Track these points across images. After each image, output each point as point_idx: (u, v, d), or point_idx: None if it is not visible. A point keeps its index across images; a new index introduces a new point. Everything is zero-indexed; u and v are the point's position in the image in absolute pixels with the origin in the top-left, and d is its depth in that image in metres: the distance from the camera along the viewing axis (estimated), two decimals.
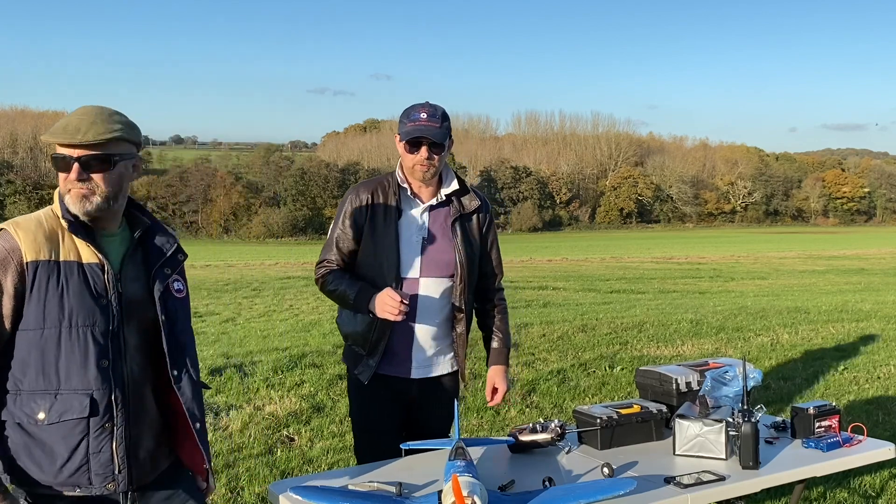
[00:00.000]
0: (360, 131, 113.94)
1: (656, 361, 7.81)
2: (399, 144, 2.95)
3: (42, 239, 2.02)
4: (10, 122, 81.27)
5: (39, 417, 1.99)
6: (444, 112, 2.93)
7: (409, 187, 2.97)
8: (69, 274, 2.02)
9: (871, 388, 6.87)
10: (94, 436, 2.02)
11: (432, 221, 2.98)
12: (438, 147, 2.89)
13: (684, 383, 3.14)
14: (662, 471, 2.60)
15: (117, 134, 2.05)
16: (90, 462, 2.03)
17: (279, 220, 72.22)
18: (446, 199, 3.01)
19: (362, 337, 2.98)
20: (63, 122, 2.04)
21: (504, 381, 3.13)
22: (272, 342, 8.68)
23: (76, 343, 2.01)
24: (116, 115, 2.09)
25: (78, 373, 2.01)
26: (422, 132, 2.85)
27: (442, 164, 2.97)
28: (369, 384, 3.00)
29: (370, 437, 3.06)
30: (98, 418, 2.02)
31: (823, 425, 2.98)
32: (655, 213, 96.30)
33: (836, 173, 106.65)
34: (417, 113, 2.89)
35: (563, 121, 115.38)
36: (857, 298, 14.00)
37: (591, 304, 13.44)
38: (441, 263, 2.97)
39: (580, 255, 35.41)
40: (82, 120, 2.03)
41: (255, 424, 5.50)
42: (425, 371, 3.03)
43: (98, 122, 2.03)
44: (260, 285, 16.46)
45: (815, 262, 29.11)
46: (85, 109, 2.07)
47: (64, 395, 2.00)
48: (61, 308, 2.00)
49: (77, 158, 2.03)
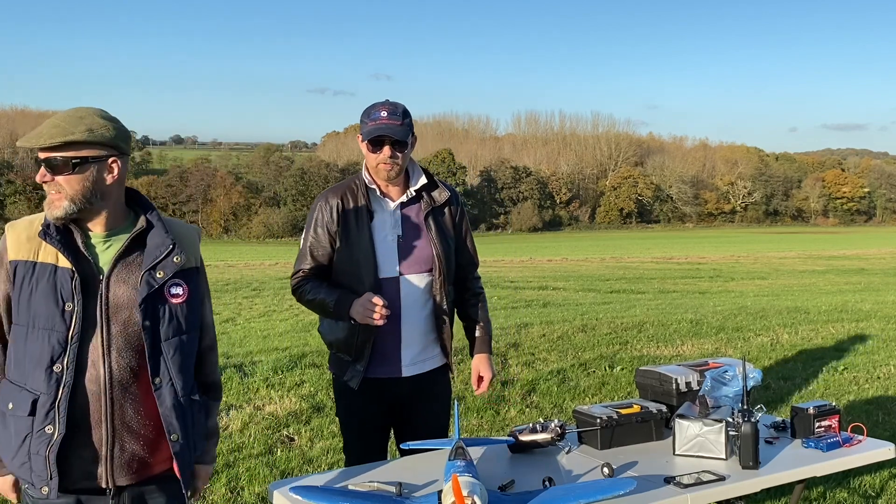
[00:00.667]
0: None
1: (656, 361, 7.81)
2: (362, 144, 2.94)
3: (24, 239, 2.08)
4: (10, 122, 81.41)
5: (9, 407, 2.08)
6: (405, 109, 2.92)
7: (377, 188, 2.96)
8: (41, 276, 2.05)
9: (870, 388, 6.87)
10: (36, 436, 2.05)
11: (405, 218, 2.97)
12: (401, 145, 2.88)
13: (684, 383, 3.14)
14: (662, 471, 2.60)
15: (75, 137, 2.01)
16: (31, 461, 2.06)
17: (279, 220, 72.28)
18: (416, 194, 2.99)
19: (346, 343, 2.95)
20: (35, 128, 2.09)
21: (489, 368, 3.13)
22: (272, 342, 8.68)
23: (35, 344, 2.05)
24: (88, 119, 2.06)
25: (33, 373, 2.05)
26: (382, 131, 2.84)
27: (406, 162, 2.95)
28: (360, 393, 2.97)
29: (360, 438, 3.03)
30: (37, 420, 2.03)
31: (823, 425, 2.97)
32: (655, 213, 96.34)
33: (836, 173, 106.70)
34: (378, 112, 2.88)
35: (563, 121, 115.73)
36: (856, 298, 14.00)
37: (591, 304, 13.44)
38: (419, 259, 2.96)
39: (580, 255, 35.41)
40: (50, 123, 2.06)
41: (255, 424, 5.50)
42: (416, 368, 3.01)
43: (62, 125, 2.03)
44: (260, 285, 16.45)
45: (815, 262, 29.11)
46: (61, 113, 2.09)
47: (24, 391, 2.06)
48: (29, 309, 2.05)
49: (41, 161, 2.07)
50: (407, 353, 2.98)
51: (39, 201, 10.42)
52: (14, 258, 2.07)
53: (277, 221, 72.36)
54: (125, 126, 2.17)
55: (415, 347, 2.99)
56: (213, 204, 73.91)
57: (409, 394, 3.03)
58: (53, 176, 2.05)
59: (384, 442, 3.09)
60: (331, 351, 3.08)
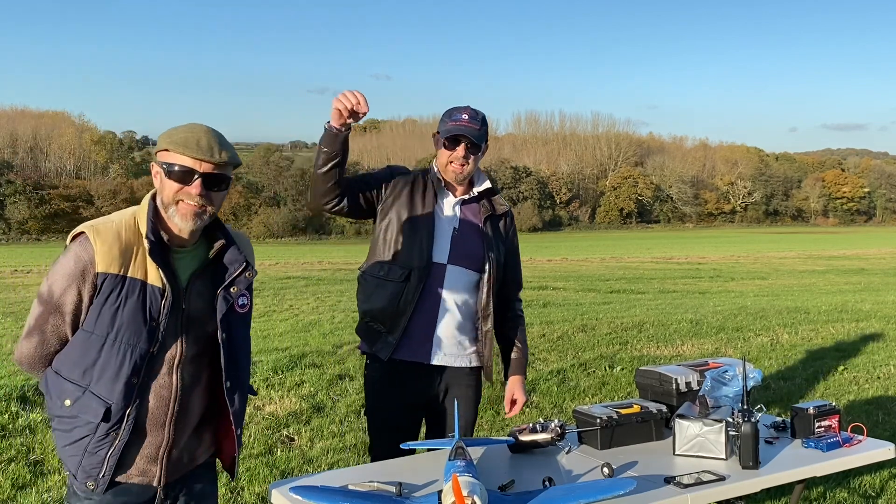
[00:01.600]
0: (360, 131, 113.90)
1: (656, 361, 7.81)
2: (437, 142, 3.03)
3: (117, 252, 2.08)
4: (10, 122, 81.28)
5: (66, 403, 2.11)
6: (485, 117, 3.03)
7: (443, 180, 3.04)
8: (131, 292, 2.09)
9: (870, 388, 6.87)
10: (97, 438, 2.11)
11: (463, 214, 3.05)
12: (475, 147, 2.98)
13: (684, 383, 3.14)
14: (662, 471, 2.60)
15: (236, 159, 2.16)
16: (83, 457, 2.12)
17: (279, 220, 72.20)
18: (478, 195, 3.08)
19: (382, 311, 2.97)
20: (186, 136, 2.10)
21: (523, 392, 3.18)
22: (272, 342, 8.68)
23: (114, 357, 2.08)
24: (226, 140, 2.18)
25: (107, 382, 2.09)
26: (461, 131, 2.94)
27: (475, 167, 3.04)
28: (389, 371, 2.98)
29: (388, 435, 3.00)
30: (107, 426, 2.10)
31: (823, 425, 2.97)
32: (655, 214, 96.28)
33: (836, 173, 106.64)
34: (459, 114, 2.99)
35: (563, 121, 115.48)
36: (857, 298, 14.00)
37: (591, 304, 13.44)
38: (469, 255, 3.00)
39: (580, 255, 35.39)
40: (209, 138, 2.11)
41: (255, 424, 5.50)
42: (445, 359, 3.01)
43: (224, 144, 2.14)
44: (260, 285, 16.44)
45: (815, 262, 29.10)
46: (203, 128, 2.14)
47: (89, 394, 2.10)
48: (112, 322, 2.08)
49: (202, 174, 2.10)
50: (437, 341, 2.99)
51: (40, 201, 10.45)
52: (104, 270, 2.07)
53: (277, 221, 72.27)
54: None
55: (447, 338, 3.00)
56: None
57: (437, 386, 3.03)
58: (208, 191, 2.12)
59: (412, 434, 3.06)
60: (364, 321, 3.07)
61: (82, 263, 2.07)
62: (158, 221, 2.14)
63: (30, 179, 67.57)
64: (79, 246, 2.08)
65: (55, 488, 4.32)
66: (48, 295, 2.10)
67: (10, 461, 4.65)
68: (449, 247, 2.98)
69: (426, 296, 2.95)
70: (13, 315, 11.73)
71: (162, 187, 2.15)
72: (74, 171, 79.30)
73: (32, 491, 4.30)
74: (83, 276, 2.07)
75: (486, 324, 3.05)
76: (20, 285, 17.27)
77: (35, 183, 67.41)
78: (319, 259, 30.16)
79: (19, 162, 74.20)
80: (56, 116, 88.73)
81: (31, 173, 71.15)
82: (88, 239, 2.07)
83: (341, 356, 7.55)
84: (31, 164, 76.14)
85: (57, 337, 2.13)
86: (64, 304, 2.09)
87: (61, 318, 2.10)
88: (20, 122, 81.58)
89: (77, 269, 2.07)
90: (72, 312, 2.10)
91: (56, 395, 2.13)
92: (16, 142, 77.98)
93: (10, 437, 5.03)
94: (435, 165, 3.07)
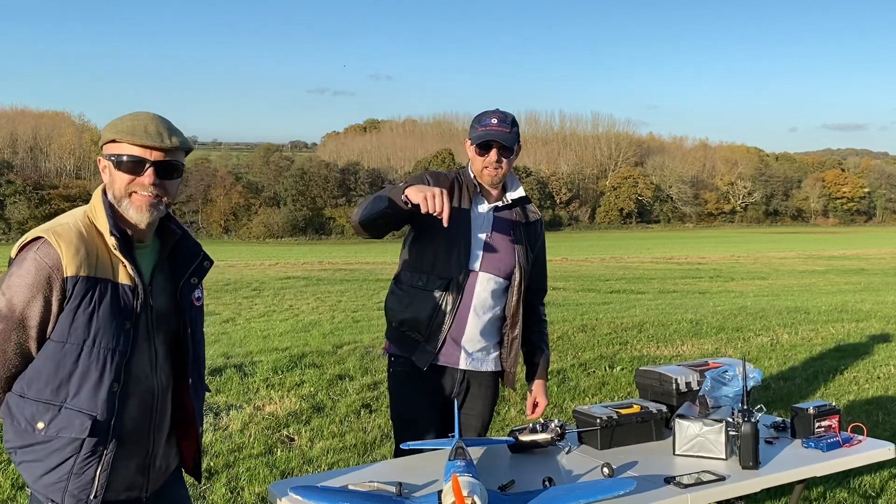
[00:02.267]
0: (360, 131, 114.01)
1: (656, 361, 7.81)
2: (469, 148, 3.03)
3: (84, 253, 1.95)
4: (10, 122, 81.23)
5: (38, 426, 1.95)
6: (514, 119, 3.03)
7: (478, 185, 3.05)
8: (102, 293, 1.96)
9: (871, 388, 6.87)
10: (83, 457, 1.97)
11: (496, 221, 3.05)
12: (507, 151, 2.98)
13: (684, 383, 3.14)
14: (662, 471, 2.60)
15: (187, 144, 2.05)
16: (69, 481, 1.98)
17: (279, 221, 72.17)
18: (511, 202, 3.09)
19: (422, 322, 2.98)
20: (133, 124, 1.99)
21: (545, 395, 3.25)
22: (272, 342, 8.68)
23: (94, 364, 1.96)
24: (174, 125, 2.08)
25: (88, 393, 1.96)
26: (492, 136, 2.95)
27: (509, 169, 3.04)
28: (419, 381, 3.01)
29: (414, 431, 3.00)
30: (93, 441, 1.97)
31: (823, 425, 2.97)
32: (655, 214, 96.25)
33: (836, 173, 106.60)
34: (489, 119, 2.99)
35: (563, 121, 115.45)
36: (856, 298, 14.00)
37: (591, 304, 13.44)
38: (499, 263, 3.03)
39: (580, 255, 35.38)
40: (157, 124, 2.00)
41: (255, 424, 5.50)
42: (473, 364, 3.05)
43: (173, 130, 2.03)
44: (260, 285, 16.45)
45: (815, 262, 29.10)
46: (149, 114, 2.03)
47: (68, 410, 1.96)
48: (88, 327, 1.95)
49: (154, 162, 1.99)
50: (467, 345, 3.03)
51: (40, 201, 10.44)
52: (73, 274, 1.92)
53: (277, 221, 72.23)
54: None
55: (474, 343, 3.03)
56: (213, 204, 73.79)
57: (460, 387, 3.07)
58: (162, 180, 2.01)
59: (439, 433, 3.07)
60: (400, 329, 3.06)
61: (46, 270, 1.91)
62: (116, 217, 2.02)
63: (30, 179, 67.54)
64: (38, 252, 1.92)
65: None
66: (8, 310, 1.93)
67: (9, 461, 4.65)
68: (481, 254, 3.00)
69: (461, 303, 3.00)
70: None
71: (112, 180, 2.02)
72: (74, 171, 79.25)
73: None
74: (49, 284, 1.91)
75: (513, 331, 3.09)
76: None
77: (35, 183, 67.39)
78: (319, 259, 30.17)
79: (19, 162, 74.16)
80: (56, 116, 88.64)
81: (31, 173, 71.11)
82: (49, 244, 1.92)
83: (341, 356, 7.55)
84: (31, 164, 76.08)
85: (20, 355, 1.96)
86: (28, 317, 1.93)
87: (25, 333, 1.94)
88: (20, 122, 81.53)
89: (40, 278, 1.91)
90: (37, 326, 1.94)
91: (25, 420, 1.95)
92: (16, 142, 77.95)
93: None
94: (470, 170, 3.07)
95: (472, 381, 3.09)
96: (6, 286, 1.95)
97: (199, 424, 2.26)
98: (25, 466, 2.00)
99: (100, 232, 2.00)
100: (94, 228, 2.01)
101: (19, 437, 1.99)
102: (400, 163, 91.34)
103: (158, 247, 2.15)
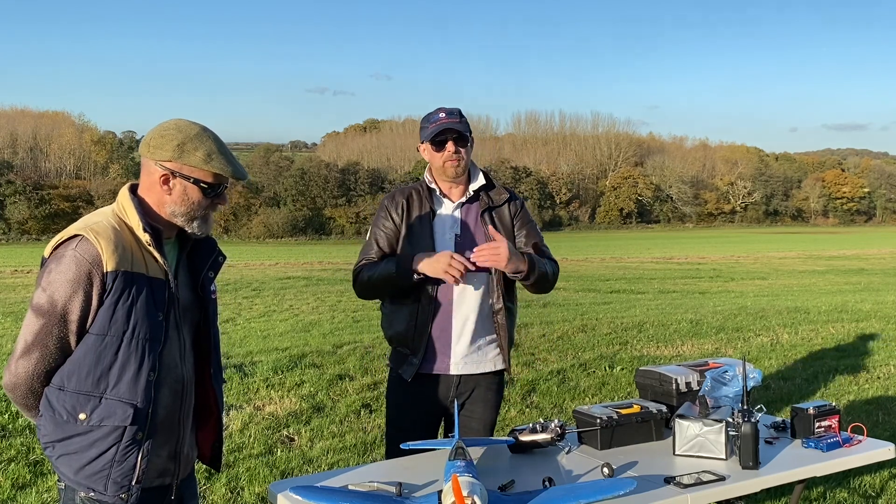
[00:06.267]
0: (360, 131, 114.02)
1: (656, 361, 7.81)
2: (425, 149, 3.04)
3: (122, 249, 2.04)
4: (10, 122, 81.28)
5: (80, 417, 2.01)
6: (460, 110, 3.05)
7: (437, 188, 3.06)
8: (139, 287, 2.05)
9: (870, 388, 6.87)
10: (125, 445, 2.03)
11: (464, 217, 3.05)
12: (463, 139, 2.98)
13: (684, 383, 3.14)
14: (662, 471, 2.60)
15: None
16: (112, 468, 2.03)
17: (279, 221, 72.22)
18: (475, 194, 3.08)
19: (403, 336, 3.02)
20: (211, 148, 2.10)
21: (507, 249, 2.84)
22: (272, 342, 8.69)
23: (133, 355, 2.04)
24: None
25: (128, 383, 2.03)
26: (444, 126, 2.96)
27: (468, 158, 3.05)
28: (411, 384, 3.02)
29: (403, 434, 3.00)
30: (135, 428, 2.03)
31: (823, 425, 2.97)
32: (655, 214, 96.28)
33: (836, 173, 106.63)
34: (436, 115, 3.03)
35: (563, 121, 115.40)
36: (857, 298, 14.00)
37: (591, 304, 13.45)
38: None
39: (580, 255, 35.40)
40: (230, 154, 2.14)
41: (255, 424, 5.50)
42: (467, 368, 3.04)
43: (233, 153, 2.18)
44: (260, 285, 16.46)
45: (815, 262, 29.12)
46: (214, 135, 2.15)
47: (109, 400, 2.02)
48: (127, 320, 2.03)
49: (224, 186, 2.17)
50: (457, 350, 3.02)
51: (40, 201, 10.48)
52: (114, 269, 2.00)
53: (277, 221, 72.27)
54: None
55: (466, 347, 3.02)
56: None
57: (459, 391, 3.06)
58: (222, 203, 2.19)
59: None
60: (392, 346, 3.13)
61: (86, 266, 1.98)
62: (147, 214, 2.12)
63: (30, 179, 67.60)
64: (77, 249, 2.00)
65: (55, 488, 4.31)
66: (49, 305, 1.99)
67: (10, 461, 4.65)
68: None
69: (440, 309, 2.99)
70: (13, 315, 11.75)
71: (184, 198, 2.11)
72: (74, 171, 79.32)
73: (32, 491, 4.30)
74: (89, 279, 1.99)
75: (499, 321, 3.07)
76: (20, 285, 17.29)
77: (35, 183, 67.44)
78: (319, 259, 30.19)
79: (19, 162, 74.23)
80: (56, 116, 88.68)
81: (31, 173, 71.18)
82: (88, 240, 2.00)
83: (341, 356, 7.55)
84: (31, 164, 76.15)
85: (61, 350, 2.02)
86: (69, 311, 1.99)
87: (66, 327, 2.01)
88: (20, 122, 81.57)
89: (81, 273, 1.98)
90: (78, 320, 2.00)
91: (66, 411, 2.01)
92: (16, 142, 77.99)
93: (10, 437, 5.03)
94: (427, 175, 3.08)
95: (472, 385, 3.07)
96: (46, 282, 2.01)
97: (221, 411, 2.35)
98: (64, 460, 2.04)
99: (130, 229, 2.09)
100: (125, 225, 2.10)
101: (59, 429, 2.03)
102: (400, 163, 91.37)
103: (177, 242, 2.25)
